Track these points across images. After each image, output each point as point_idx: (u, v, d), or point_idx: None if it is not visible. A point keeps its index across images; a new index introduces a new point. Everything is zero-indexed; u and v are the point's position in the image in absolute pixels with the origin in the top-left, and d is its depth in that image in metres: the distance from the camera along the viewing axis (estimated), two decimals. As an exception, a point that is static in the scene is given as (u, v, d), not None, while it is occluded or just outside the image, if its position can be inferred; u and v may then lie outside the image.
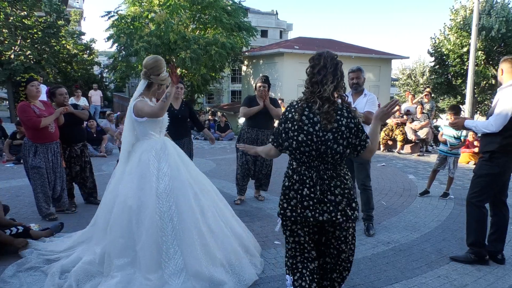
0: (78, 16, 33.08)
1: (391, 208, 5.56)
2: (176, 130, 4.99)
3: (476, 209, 3.68)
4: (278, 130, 2.43)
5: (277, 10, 46.80)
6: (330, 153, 2.29)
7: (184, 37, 18.14)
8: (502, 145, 3.52)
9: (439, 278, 3.44)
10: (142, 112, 3.19)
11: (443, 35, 22.88)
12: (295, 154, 2.37)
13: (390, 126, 11.15)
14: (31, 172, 4.62)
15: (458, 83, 22.83)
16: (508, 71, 3.57)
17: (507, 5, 21.10)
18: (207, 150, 11.11)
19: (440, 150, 6.33)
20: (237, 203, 5.56)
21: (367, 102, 4.45)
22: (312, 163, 2.33)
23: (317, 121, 2.29)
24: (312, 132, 2.28)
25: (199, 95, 25.72)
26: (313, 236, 2.47)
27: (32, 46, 19.19)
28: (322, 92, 2.28)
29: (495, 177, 3.62)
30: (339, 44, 26.41)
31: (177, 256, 3.01)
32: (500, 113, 3.45)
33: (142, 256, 3.00)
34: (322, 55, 2.34)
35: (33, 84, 4.57)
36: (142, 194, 3.09)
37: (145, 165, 3.17)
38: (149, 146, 3.25)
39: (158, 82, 3.32)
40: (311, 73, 2.35)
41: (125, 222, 3.08)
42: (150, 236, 3.01)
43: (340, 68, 2.35)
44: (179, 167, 3.27)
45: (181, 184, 3.20)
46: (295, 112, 2.34)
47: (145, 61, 3.32)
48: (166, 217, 3.05)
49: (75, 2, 42.78)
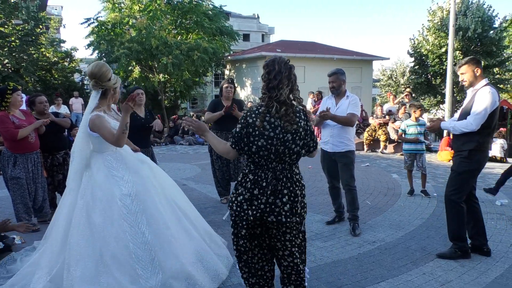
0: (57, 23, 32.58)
1: (376, 207, 5.62)
2: (142, 139, 4.70)
3: (455, 205, 3.76)
4: (239, 134, 2.44)
5: (259, 14, 47.16)
6: (288, 153, 2.41)
7: (165, 43, 18.00)
8: (480, 143, 3.64)
9: (424, 275, 3.49)
10: (99, 133, 3.06)
11: (422, 36, 23.34)
12: (253, 158, 2.43)
13: (373, 126, 11.29)
14: (11, 182, 4.52)
15: (437, 83, 23.31)
16: (480, 73, 3.69)
17: (482, 5, 21.67)
18: (192, 155, 11.05)
19: (405, 149, 6.40)
20: (224, 202, 5.69)
21: (349, 104, 4.48)
22: (270, 164, 2.41)
23: (278, 124, 2.39)
24: (273, 137, 2.37)
25: (182, 100, 25.56)
26: (251, 231, 2.51)
27: (10, 54, 18.79)
28: (279, 96, 2.38)
29: (473, 173, 3.76)
30: (321, 46, 26.65)
31: (153, 259, 2.95)
32: (479, 113, 3.54)
33: (113, 264, 2.88)
34: (276, 61, 2.44)
35: (18, 93, 4.57)
36: (106, 204, 2.99)
37: (107, 175, 3.07)
38: (106, 159, 3.15)
39: (112, 87, 3.20)
40: (267, 79, 2.43)
41: (87, 235, 2.94)
42: (120, 243, 2.91)
43: (293, 72, 2.46)
44: (140, 172, 3.22)
45: (145, 188, 3.15)
46: (256, 118, 2.39)
47: (90, 71, 3.13)
48: (134, 224, 2.98)
49: (53, 9, 42.16)
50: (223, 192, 5.79)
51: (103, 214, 2.98)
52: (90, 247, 2.92)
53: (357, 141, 10.07)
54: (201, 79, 22.85)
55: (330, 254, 3.95)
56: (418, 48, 23.32)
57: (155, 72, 19.78)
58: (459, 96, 21.35)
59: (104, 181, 3.07)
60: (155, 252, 2.98)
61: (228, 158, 2.70)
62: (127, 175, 3.12)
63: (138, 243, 2.95)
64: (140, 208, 3.04)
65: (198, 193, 6.53)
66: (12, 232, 4.43)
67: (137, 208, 3.03)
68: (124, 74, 18.99)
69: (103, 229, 2.95)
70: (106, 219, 2.97)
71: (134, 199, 3.05)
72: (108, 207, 2.99)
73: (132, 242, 2.93)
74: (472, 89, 3.74)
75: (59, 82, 21.68)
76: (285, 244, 2.50)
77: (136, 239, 2.96)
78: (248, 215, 2.41)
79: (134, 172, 3.18)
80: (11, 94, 4.46)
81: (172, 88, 21.81)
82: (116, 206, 2.99)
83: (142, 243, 2.96)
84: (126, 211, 2.99)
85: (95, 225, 2.96)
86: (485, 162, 3.78)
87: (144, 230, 3.00)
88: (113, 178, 3.08)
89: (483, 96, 3.57)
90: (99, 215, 2.97)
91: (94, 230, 2.95)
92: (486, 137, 3.66)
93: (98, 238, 2.93)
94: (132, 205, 3.03)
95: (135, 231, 2.97)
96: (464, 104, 3.81)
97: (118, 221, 2.96)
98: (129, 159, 3.25)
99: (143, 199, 3.09)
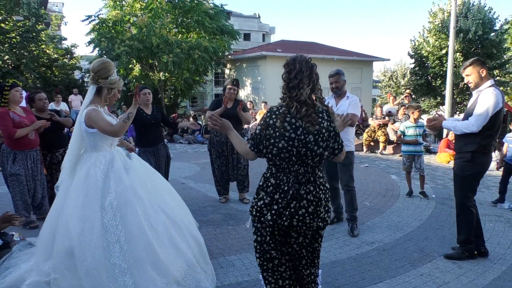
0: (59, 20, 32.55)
1: (374, 208, 5.63)
2: (150, 136, 4.91)
3: (467, 210, 3.75)
4: (259, 136, 2.36)
5: (260, 13, 47.15)
6: (310, 155, 2.30)
7: (166, 41, 18.01)
8: (482, 145, 3.61)
9: (422, 277, 3.50)
10: (96, 125, 2.96)
11: (422, 38, 23.33)
12: (274, 161, 2.34)
13: (373, 127, 11.30)
14: (10, 179, 4.52)
15: (437, 84, 23.30)
16: (485, 74, 3.65)
17: (483, 7, 21.67)
18: (191, 154, 11.06)
19: (404, 151, 6.36)
20: (223, 201, 5.71)
21: (349, 105, 4.49)
22: (292, 167, 2.32)
23: (299, 125, 2.28)
24: (294, 138, 2.27)
25: (182, 99, 25.56)
26: (276, 237, 2.42)
27: (10, 51, 18.78)
28: (299, 96, 2.29)
29: (477, 176, 3.73)
30: (321, 47, 26.65)
31: (127, 278, 2.76)
32: (481, 114, 3.51)
33: (86, 282, 2.72)
34: (297, 60, 2.34)
35: (17, 89, 4.55)
36: (87, 213, 2.83)
37: (92, 180, 2.93)
38: (97, 160, 3.01)
39: (108, 86, 3.09)
40: (287, 78, 2.34)
41: (66, 245, 2.81)
42: (96, 259, 2.73)
43: (315, 71, 2.36)
44: (125, 182, 3.00)
45: (128, 200, 2.94)
46: (276, 119, 2.30)
47: (92, 65, 3.12)
48: (112, 237, 2.79)
49: (54, 6, 42.12)
50: (222, 191, 5.81)
51: (82, 222, 2.82)
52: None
53: (356, 142, 10.09)
54: (202, 78, 22.85)
55: (328, 255, 3.95)
56: (419, 49, 23.32)
57: (156, 70, 19.79)
58: (459, 98, 21.37)
59: (85, 186, 2.92)
60: (131, 268, 2.79)
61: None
62: (113, 182, 2.96)
63: (114, 255, 2.77)
64: (120, 222, 2.86)
65: (197, 192, 6.54)
66: (11, 229, 4.43)
67: (117, 222, 2.85)
68: (125, 72, 19.00)
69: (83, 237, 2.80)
70: (85, 228, 2.81)
71: (116, 211, 2.87)
72: (88, 216, 2.84)
73: (108, 255, 2.76)
74: (477, 90, 3.69)
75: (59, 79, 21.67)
76: (306, 249, 2.43)
77: (112, 250, 2.78)
78: (268, 220, 2.32)
79: (119, 180, 3.00)
80: (9, 90, 4.46)
81: (172, 86, 21.81)
82: (98, 216, 2.83)
83: (120, 256, 2.78)
84: (107, 223, 2.82)
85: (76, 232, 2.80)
86: (488, 164, 3.75)
87: (122, 242, 2.82)
88: (96, 184, 2.92)
89: (486, 97, 3.53)
90: (77, 223, 2.83)
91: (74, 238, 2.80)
92: (488, 138, 3.61)
93: None
94: (113, 219, 2.85)
95: (113, 243, 2.80)
96: (469, 105, 3.78)
97: (99, 231, 2.79)
98: (118, 166, 3.06)
99: (125, 212, 2.90)
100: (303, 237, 2.42)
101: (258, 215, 2.37)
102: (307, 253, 2.45)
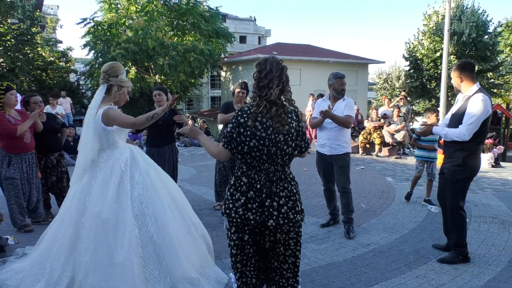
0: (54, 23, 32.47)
1: (370, 210, 5.65)
2: (156, 137, 4.92)
3: (459, 214, 3.79)
4: (231, 134, 2.39)
5: (255, 16, 47.27)
6: (280, 154, 2.36)
7: (162, 44, 18.03)
8: (472, 151, 3.67)
9: (418, 278, 3.51)
10: (117, 121, 3.08)
11: (417, 40, 23.51)
12: (246, 158, 2.39)
13: (368, 129, 11.35)
14: (5, 183, 4.50)
15: (432, 87, 23.47)
16: (468, 79, 3.70)
17: (476, 10, 21.87)
18: (187, 157, 11.05)
19: (418, 155, 6.11)
20: (217, 208, 5.57)
21: (346, 106, 4.55)
22: (262, 166, 2.37)
23: (270, 125, 2.34)
24: (264, 137, 2.33)
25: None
26: (254, 236, 2.45)
27: (5, 53, 18.72)
28: (269, 96, 2.34)
29: (468, 180, 3.79)
30: (317, 49, 26.75)
31: (160, 262, 2.95)
32: (472, 123, 3.54)
33: (121, 271, 2.81)
34: (268, 60, 2.41)
35: (12, 93, 4.53)
36: (118, 206, 2.95)
37: (119, 174, 3.05)
38: (119, 155, 3.14)
39: (118, 84, 3.21)
40: (258, 77, 2.41)
41: (100, 237, 2.89)
42: (130, 248, 2.84)
43: (285, 73, 2.42)
44: (150, 174, 3.20)
45: (155, 191, 3.13)
46: (247, 118, 2.35)
47: (103, 67, 3.27)
48: (143, 227, 2.96)
49: (49, 9, 41.99)
50: (218, 198, 5.73)
51: (112, 214, 2.92)
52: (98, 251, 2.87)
53: (352, 144, 10.12)
54: (197, 80, 22.87)
55: (324, 257, 3.96)
56: (414, 52, 23.49)
57: (151, 73, 19.77)
58: (453, 100, 21.46)
59: (114, 180, 3.03)
60: (163, 256, 2.96)
61: (221, 160, 2.63)
62: (138, 175, 3.11)
63: (146, 246, 2.93)
64: (149, 210, 3.03)
65: (193, 194, 6.53)
66: (6, 233, 4.41)
67: (146, 210, 3.01)
68: (120, 74, 18.94)
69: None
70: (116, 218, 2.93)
71: (143, 200, 3.03)
72: (117, 207, 2.95)
73: (140, 245, 2.91)
74: (463, 95, 3.74)
75: (55, 82, 21.61)
76: (284, 248, 2.44)
77: (144, 241, 2.93)
78: (249, 219, 2.34)
79: (145, 173, 3.16)
80: (4, 94, 4.43)
81: (168, 89, 21.79)
82: (128, 207, 2.96)
83: (151, 245, 2.94)
84: (136, 212, 2.97)
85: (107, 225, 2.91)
86: (478, 168, 3.80)
87: (152, 232, 2.98)
88: (123, 178, 3.05)
89: (475, 105, 3.56)
90: (108, 215, 2.92)
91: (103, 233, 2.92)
92: (478, 144, 3.69)
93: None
94: (141, 206, 3.01)
95: (144, 233, 2.95)
96: (455, 109, 3.81)
97: (128, 222, 2.92)
98: (139, 160, 3.23)
99: (153, 201, 3.07)
100: (278, 235, 2.42)
101: (237, 216, 2.37)
102: (280, 249, 2.45)
